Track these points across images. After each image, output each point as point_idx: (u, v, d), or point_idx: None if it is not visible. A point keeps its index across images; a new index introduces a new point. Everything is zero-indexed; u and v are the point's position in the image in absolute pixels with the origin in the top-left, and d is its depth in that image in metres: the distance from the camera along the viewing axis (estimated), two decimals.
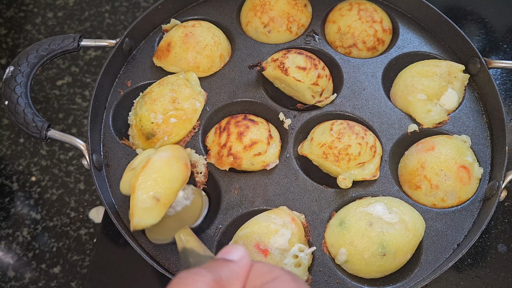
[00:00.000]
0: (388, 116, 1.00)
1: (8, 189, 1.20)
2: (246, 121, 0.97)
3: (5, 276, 1.09)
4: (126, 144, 0.99)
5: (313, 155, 0.94)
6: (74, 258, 1.11)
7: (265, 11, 1.11)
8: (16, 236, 1.14)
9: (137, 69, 1.07)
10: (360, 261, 0.84)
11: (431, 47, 1.10)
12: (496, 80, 1.26)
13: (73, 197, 1.19)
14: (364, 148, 0.92)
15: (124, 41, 1.05)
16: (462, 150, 0.93)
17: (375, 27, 1.09)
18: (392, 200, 0.89)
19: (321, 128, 0.97)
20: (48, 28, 1.45)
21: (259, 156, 0.94)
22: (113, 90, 1.05)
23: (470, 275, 0.99)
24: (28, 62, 0.98)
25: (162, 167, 0.80)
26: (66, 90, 1.34)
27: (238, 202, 0.92)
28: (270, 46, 1.09)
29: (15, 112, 0.93)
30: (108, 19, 1.46)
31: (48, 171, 1.22)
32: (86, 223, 1.15)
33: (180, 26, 1.09)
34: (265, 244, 0.82)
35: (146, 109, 0.97)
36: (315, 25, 1.13)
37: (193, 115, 0.99)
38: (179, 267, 0.86)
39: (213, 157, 0.95)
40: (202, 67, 1.05)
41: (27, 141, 1.26)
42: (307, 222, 0.90)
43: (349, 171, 0.92)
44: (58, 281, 1.09)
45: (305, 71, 0.99)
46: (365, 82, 1.04)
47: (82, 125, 1.29)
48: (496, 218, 1.06)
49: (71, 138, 0.93)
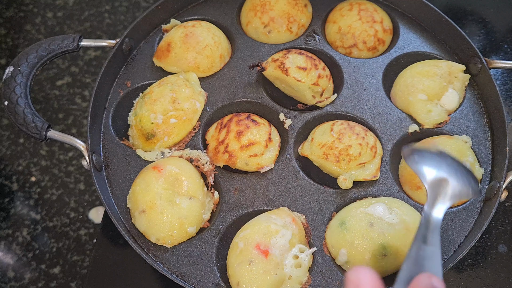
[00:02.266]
0: (388, 117, 1.00)
1: (8, 189, 1.20)
2: (247, 121, 0.97)
3: (5, 276, 1.09)
4: (126, 145, 0.99)
5: (314, 155, 0.94)
6: (74, 258, 1.11)
7: (265, 11, 1.10)
8: (16, 236, 1.14)
9: (137, 69, 1.07)
10: (361, 261, 0.84)
11: (432, 47, 1.09)
12: (497, 80, 1.26)
13: (73, 197, 1.18)
14: (365, 149, 0.92)
15: (124, 41, 1.04)
16: (462, 151, 0.93)
17: (375, 27, 1.09)
18: (392, 200, 0.89)
19: (321, 128, 0.97)
20: (48, 28, 1.45)
21: (254, 158, 0.94)
22: (113, 90, 1.05)
23: (470, 275, 0.99)
24: (28, 63, 0.97)
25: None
26: (66, 90, 1.34)
27: (238, 202, 0.92)
28: (270, 46, 1.09)
29: (15, 112, 0.93)
30: (108, 19, 1.46)
31: (48, 172, 1.22)
32: (86, 224, 1.15)
33: (180, 26, 1.09)
34: (265, 244, 0.82)
35: (146, 110, 0.97)
36: (315, 25, 1.13)
37: (193, 115, 0.99)
38: (179, 268, 0.86)
39: (210, 151, 0.96)
40: (202, 67, 1.05)
41: (27, 142, 1.26)
42: (307, 222, 0.90)
43: (350, 172, 0.92)
44: (58, 281, 1.08)
45: (306, 71, 0.98)
46: (365, 82, 1.04)
47: (82, 125, 1.28)
48: (497, 218, 1.06)
49: (71, 138, 0.93)
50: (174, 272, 0.86)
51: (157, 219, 0.86)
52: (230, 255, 0.86)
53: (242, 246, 0.84)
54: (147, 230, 0.87)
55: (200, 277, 0.85)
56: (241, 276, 0.82)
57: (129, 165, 0.96)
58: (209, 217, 0.92)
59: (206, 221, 0.91)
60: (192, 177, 0.91)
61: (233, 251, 0.86)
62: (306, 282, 0.84)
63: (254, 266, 0.81)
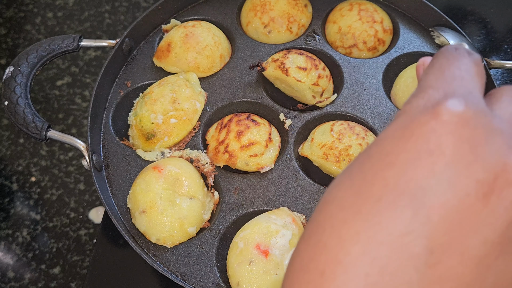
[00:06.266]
0: (389, 117, 1.00)
1: (7, 189, 1.20)
2: (247, 121, 0.97)
3: (5, 276, 1.09)
4: (126, 145, 0.99)
5: (314, 155, 0.94)
6: (74, 258, 1.11)
7: (265, 11, 1.10)
8: (16, 236, 1.14)
9: (137, 70, 1.07)
10: None
11: (432, 47, 1.09)
12: (497, 80, 1.26)
13: (73, 197, 1.18)
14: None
15: (124, 41, 1.04)
16: None
17: (375, 27, 1.09)
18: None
19: (321, 128, 0.97)
20: (48, 28, 1.45)
21: (254, 158, 0.94)
22: (113, 91, 1.04)
23: None
24: (28, 63, 0.97)
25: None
26: (66, 90, 1.34)
27: (238, 202, 0.92)
28: (271, 46, 1.09)
29: (15, 112, 0.93)
30: (108, 19, 1.46)
31: (48, 172, 1.22)
32: (86, 224, 1.15)
33: (180, 26, 1.09)
34: (265, 245, 0.82)
35: (146, 110, 0.97)
36: (315, 25, 1.13)
37: (193, 115, 0.99)
38: (179, 268, 0.86)
39: (210, 152, 0.96)
40: (202, 68, 1.05)
41: (27, 142, 1.26)
42: (307, 223, 0.89)
43: None
44: (58, 281, 1.08)
45: (306, 71, 0.98)
46: (365, 82, 1.04)
47: (82, 125, 1.28)
48: None
49: (71, 138, 0.93)
50: (174, 272, 0.86)
51: (158, 219, 0.86)
52: (230, 255, 0.86)
53: (242, 246, 0.84)
54: (148, 231, 0.87)
55: (200, 277, 0.85)
56: (241, 276, 0.82)
57: (129, 165, 0.96)
58: (209, 217, 0.92)
59: (206, 221, 0.91)
60: (192, 177, 0.91)
61: (233, 251, 0.86)
62: None
63: (254, 266, 0.81)
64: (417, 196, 0.32)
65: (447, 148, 0.32)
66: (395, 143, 0.34)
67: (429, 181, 0.32)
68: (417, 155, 0.33)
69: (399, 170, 0.33)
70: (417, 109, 0.35)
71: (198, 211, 0.89)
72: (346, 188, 0.35)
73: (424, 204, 0.32)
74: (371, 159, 0.35)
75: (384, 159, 0.34)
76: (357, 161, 0.37)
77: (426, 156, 0.33)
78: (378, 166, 0.34)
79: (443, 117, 0.33)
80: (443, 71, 0.38)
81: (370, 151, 0.36)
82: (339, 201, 0.35)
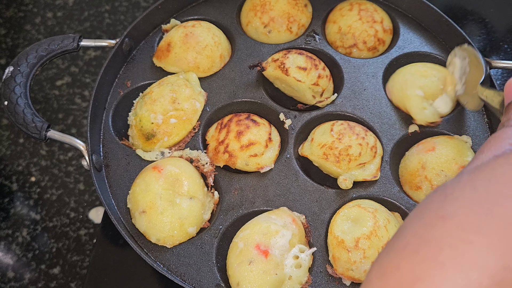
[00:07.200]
0: (388, 117, 1.00)
1: (7, 189, 1.20)
2: (247, 121, 0.97)
3: (5, 276, 1.09)
4: (126, 145, 0.99)
5: (314, 155, 0.94)
6: (74, 258, 1.11)
7: (265, 11, 1.10)
8: (16, 236, 1.14)
9: (137, 69, 1.07)
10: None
11: (432, 47, 1.09)
12: (497, 80, 1.25)
13: (73, 197, 1.18)
14: (365, 149, 0.92)
15: (124, 41, 1.04)
16: (463, 151, 0.93)
17: (375, 27, 1.09)
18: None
19: (321, 128, 0.97)
20: (48, 28, 1.45)
21: (254, 158, 0.94)
22: (113, 90, 1.04)
23: None
24: (28, 63, 0.97)
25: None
26: (65, 90, 1.34)
27: (238, 202, 0.92)
28: (270, 46, 1.09)
29: (15, 112, 0.93)
30: (108, 19, 1.46)
31: (47, 172, 1.22)
32: (86, 224, 1.15)
33: (180, 26, 1.09)
34: (265, 245, 0.82)
35: (146, 110, 0.97)
36: (315, 25, 1.13)
37: (193, 115, 0.99)
38: (178, 268, 0.86)
39: (210, 152, 0.96)
40: (202, 67, 1.05)
41: (27, 142, 1.26)
42: (307, 222, 0.90)
43: (350, 172, 0.92)
44: (58, 281, 1.08)
45: (306, 71, 0.98)
46: (365, 82, 1.04)
47: (82, 125, 1.28)
48: None
49: (71, 138, 0.93)
50: (174, 272, 0.86)
51: (158, 219, 0.86)
52: (230, 255, 0.86)
53: (242, 246, 0.84)
54: (148, 231, 0.87)
55: (200, 277, 0.85)
56: (241, 276, 0.82)
57: (129, 165, 0.96)
58: (209, 217, 0.92)
59: (206, 221, 0.91)
60: (192, 177, 0.91)
61: (233, 251, 0.86)
62: (306, 282, 0.84)
63: (254, 266, 0.81)
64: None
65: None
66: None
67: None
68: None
69: None
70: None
71: (198, 211, 0.89)
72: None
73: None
74: None
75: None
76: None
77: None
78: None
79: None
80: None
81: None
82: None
